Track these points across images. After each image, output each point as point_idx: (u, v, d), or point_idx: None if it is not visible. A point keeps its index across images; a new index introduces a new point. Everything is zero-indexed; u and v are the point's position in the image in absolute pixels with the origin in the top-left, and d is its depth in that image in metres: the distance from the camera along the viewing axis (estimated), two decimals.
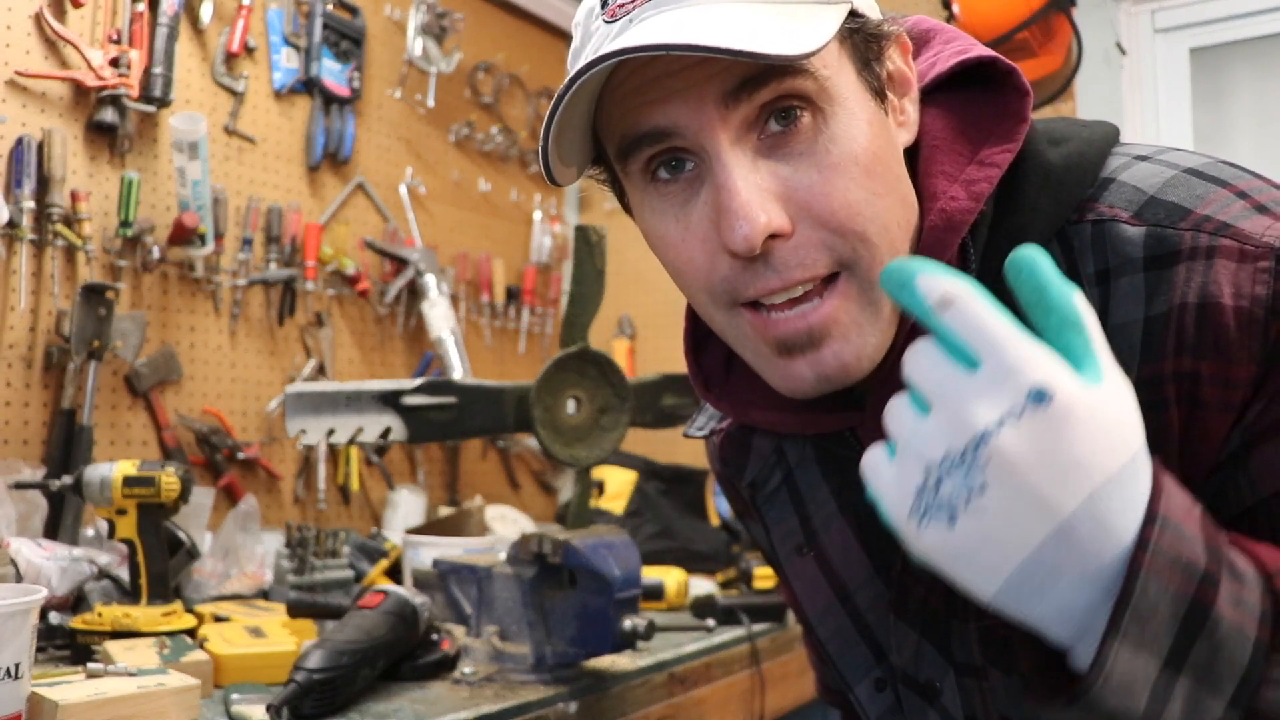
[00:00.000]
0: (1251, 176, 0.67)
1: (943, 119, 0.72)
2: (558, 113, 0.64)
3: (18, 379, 1.71)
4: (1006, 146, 0.69)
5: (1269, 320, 0.60)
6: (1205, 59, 2.29)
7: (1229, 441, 0.62)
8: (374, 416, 1.27)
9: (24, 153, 1.69)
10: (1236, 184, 0.66)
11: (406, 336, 2.44)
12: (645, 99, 0.65)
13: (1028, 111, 0.70)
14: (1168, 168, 0.68)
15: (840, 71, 0.65)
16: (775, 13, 0.62)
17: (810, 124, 0.64)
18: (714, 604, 1.67)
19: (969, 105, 0.72)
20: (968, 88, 0.73)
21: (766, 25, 0.61)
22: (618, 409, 1.35)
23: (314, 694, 1.09)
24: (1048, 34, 2.19)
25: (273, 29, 2.16)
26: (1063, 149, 0.70)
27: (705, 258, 0.67)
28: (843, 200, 0.64)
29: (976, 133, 0.71)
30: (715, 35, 0.59)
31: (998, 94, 0.71)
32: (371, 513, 2.33)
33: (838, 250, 0.65)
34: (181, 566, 1.56)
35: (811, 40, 0.60)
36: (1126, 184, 0.68)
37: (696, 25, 0.60)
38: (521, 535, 1.29)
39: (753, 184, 0.64)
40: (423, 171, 2.52)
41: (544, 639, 1.27)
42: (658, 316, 2.85)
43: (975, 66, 0.72)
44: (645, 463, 2.31)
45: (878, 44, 0.68)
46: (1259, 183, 0.66)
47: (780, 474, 0.86)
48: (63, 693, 1.00)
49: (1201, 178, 0.66)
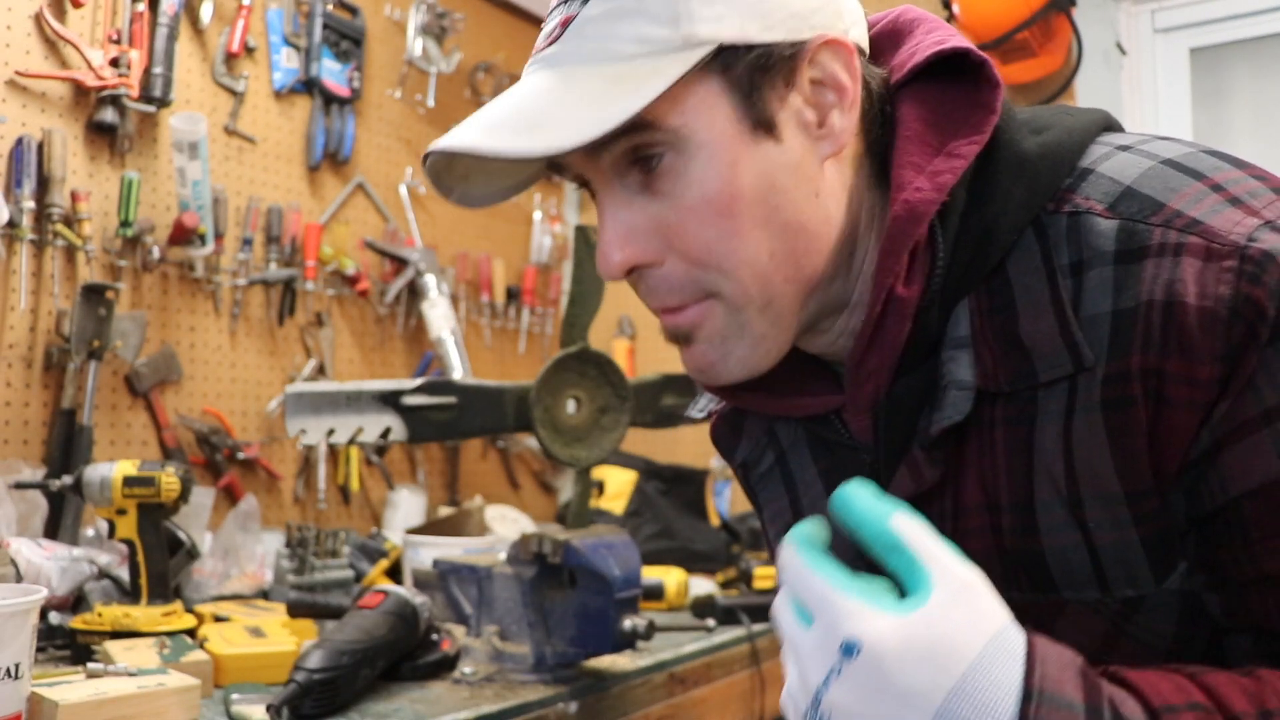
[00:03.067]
0: (1231, 166, 0.67)
1: (916, 110, 0.72)
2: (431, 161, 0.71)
3: (18, 379, 1.71)
4: (974, 139, 0.69)
5: (1231, 320, 0.60)
6: (1205, 59, 2.29)
7: (1199, 440, 0.63)
8: (374, 416, 1.27)
9: (24, 153, 1.69)
10: (1213, 176, 0.66)
11: (406, 336, 2.44)
12: None
13: (998, 104, 0.70)
14: (1147, 158, 0.68)
15: (701, 113, 0.67)
16: (608, 78, 0.65)
17: (671, 166, 0.68)
18: (714, 604, 1.67)
19: (943, 97, 0.72)
20: (944, 79, 0.73)
21: (578, 102, 0.65)
22: (618, 409, 1.35)
23: (314, 694, 1.09)
24: (1048, 34, 2.19)
25: (273, 29, 2.16)
26: (1041, 138, 0.71)
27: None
28: (697, 240, 0.68)
29: (948, 124, 0.71)
30: (510, 128, 0.66)
31: (972, 86, 0.72)
32: (371, 513, 2.33)
33: (701, 282, 0.70)
34: (182, 566, 1.56)
35: (610, 119, 0.63)
36: (1104, 176, 0.68)
37: (509, 112, 0.67)
38: (521, 535, 1.29)
39: (619, 220, 0.69)
40: (422, 171, 2.51)
41: (544, 639, 1.27)
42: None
43: (952, 57, 0.72)
44: (645, 463, 2.31)
45: (765, 74, 0.67)
46: (1236, 173, 0.66)
47: (773, 455, 0.88)
48: (63, 693, 1.00)
49: (1178, 169, 0.66)
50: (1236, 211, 0.63)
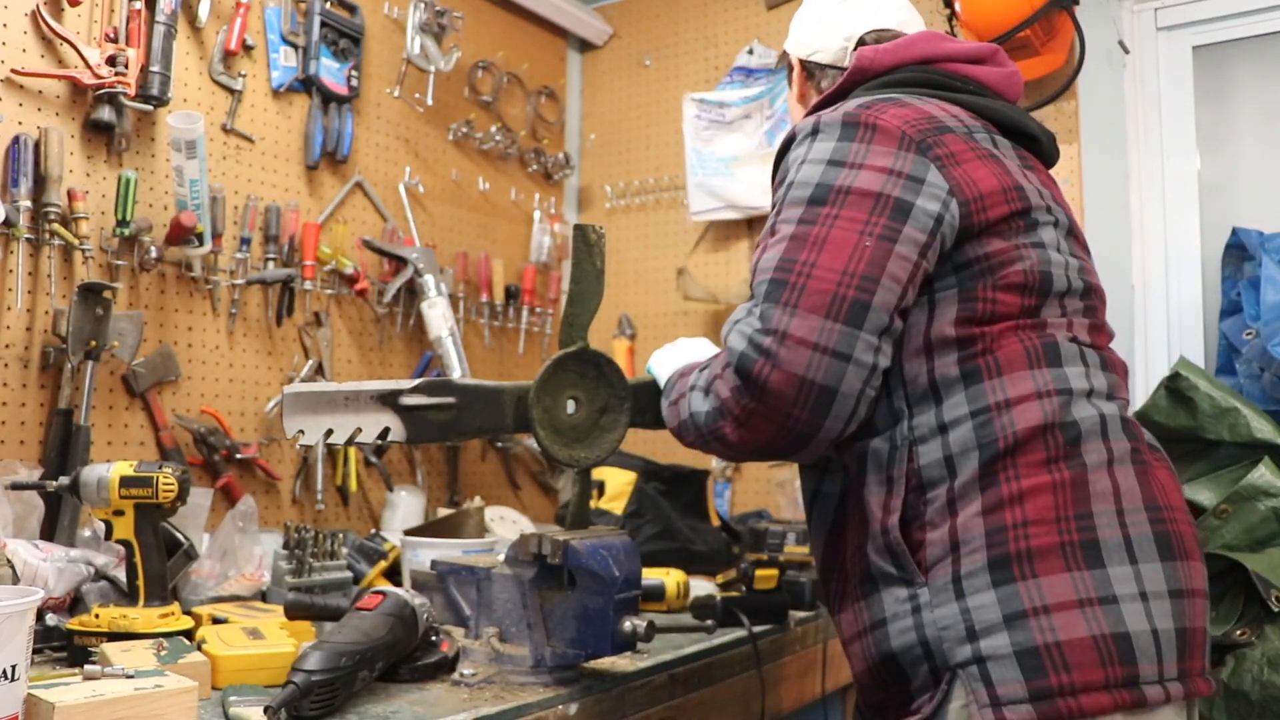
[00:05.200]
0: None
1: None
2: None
3: (14, 379, 1.70)
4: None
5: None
6: (1208, 57, 2.29)
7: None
8: (372, 417, 1.26)
9: (20, 151, 1.68)
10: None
11: (405, 336, 2.43)
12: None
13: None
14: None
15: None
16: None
17: None
18: (714, 605, 1.67)
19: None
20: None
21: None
22: (617, 409, 1.35)
23: (312, 696, 1.08)
24: (1050, 32, 2.18)
25: (271, 27, 2.15)
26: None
27: None
28: None
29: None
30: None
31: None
32: (370, 513, 2.32)
33: None
34: (179, 568, 1.55)
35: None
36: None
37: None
38: (521, 536, 1.28)
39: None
40: (421, 170, 2.52)
41: (543, 640, 1.26)
42: (658, 316, 2.85)
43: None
44: (645, 463, 2.31)
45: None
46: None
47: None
48: (60, 695, 0.99)
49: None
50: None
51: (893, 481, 1.11)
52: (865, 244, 1.06)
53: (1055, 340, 1.13)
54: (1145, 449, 1.14)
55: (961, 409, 1.09)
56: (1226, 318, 2.06)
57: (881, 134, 1.12)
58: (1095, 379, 1.14)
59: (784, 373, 1.03)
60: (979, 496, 1.06)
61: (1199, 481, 1.74)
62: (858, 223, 1.07)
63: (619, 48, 3.04)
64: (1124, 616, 1.02)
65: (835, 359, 1.03)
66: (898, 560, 1.10)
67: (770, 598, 1.72)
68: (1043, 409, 1.08)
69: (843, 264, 1.05)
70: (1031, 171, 1.21)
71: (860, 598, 1.15)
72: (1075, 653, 1.00)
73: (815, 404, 1.04)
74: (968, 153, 1.14)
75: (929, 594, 1.07)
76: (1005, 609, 1.03)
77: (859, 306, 1.04)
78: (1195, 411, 1.76)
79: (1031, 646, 1.01)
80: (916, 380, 1.11)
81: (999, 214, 1.12)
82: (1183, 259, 2.25)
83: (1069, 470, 1.07)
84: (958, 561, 1.06)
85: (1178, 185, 2.26)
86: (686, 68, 2.90)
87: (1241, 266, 2.07)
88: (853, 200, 1.09)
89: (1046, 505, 1.05)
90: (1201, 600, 1.10)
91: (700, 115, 2.68)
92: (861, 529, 1.14)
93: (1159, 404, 1.80)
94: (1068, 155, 2.27)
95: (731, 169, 2.64)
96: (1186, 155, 2.27)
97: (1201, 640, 1.08)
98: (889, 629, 1.10)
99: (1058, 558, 1.03)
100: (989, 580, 1.04)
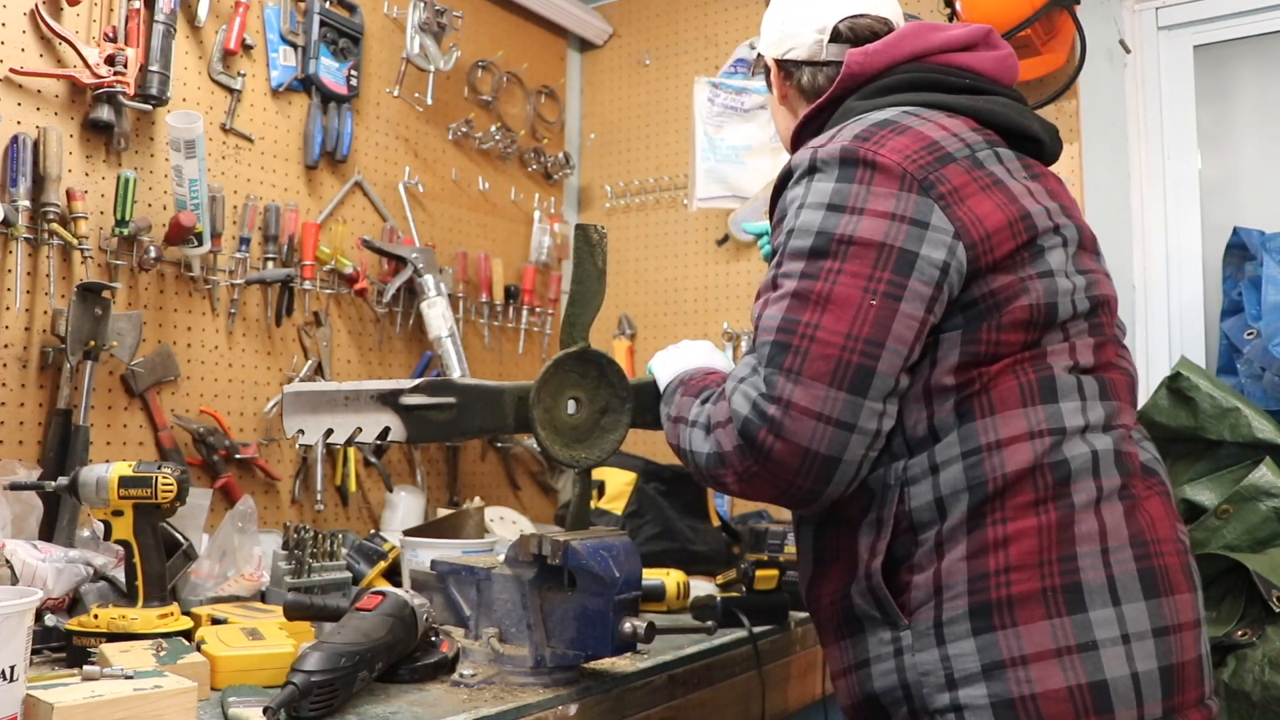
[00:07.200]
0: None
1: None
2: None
3: (13, 379, 1.70)
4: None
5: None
6: (1209, 56, 2.29)
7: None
8: (372, 416, 1.26)
9: (19, 151, 1.68)
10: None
11: (405, 336, 2.43)
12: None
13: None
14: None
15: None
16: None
17: None
18: (714, 606, 1.66)
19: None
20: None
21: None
22: (618, 409, 1.35)
23: (312, 696, 1.08)
24: (1051, 31, 2.18)
25: (270, 27, 2.15)
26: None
27: None
28: None
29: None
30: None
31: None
32: (370, 514, 2.32)
33: None
34: (178, 568, 1.55)
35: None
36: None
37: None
38: (521, 536, 1.28)
39: None
40: (421, 170, 2.51)
41: (543, 641, 1.26)
42: (658, 316, 2.84)
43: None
44: (645, 463, 2.30)
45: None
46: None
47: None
48: (58, 695, 0.99)
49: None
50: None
51: (881, 523, 1.09)
52: (870, 303, 1.03)
53: (1052, 374, 1.09)
54: (1138, 480, 1.11)
55: (954, 449, 1.07)
56: (1228, 317, 2.06)
57: (882, 173, 1.08)
58: (1091, 412, 1.10)
59: (788, 443, 1.02)
60: (965, 540, 1.05)
61: (1200, 481, 1.74)
62: (861, 278, 1.04)
63: (619, 47, 3.04)
64: (1103, 664, 1.01)
65: (839, 429, 1.02)
66: (880, 605, 1.09)
67: (770, 598, 1.71)
68: (1033, 449, 1.06)
69: (846, 326, 1.03)
70: (1037, 181, 1.17)
71: (845, 635, 1.14)
72: (1050, 705, 1.00)
73: (818, 473, 1.03)
74: (971, 185, 1.10)
75: (911, 637, 1.06)
76: (984, 658, 1.02)
77: (864, 373, 1.02)
78: (1196, 411, 1.76)
79: (1008, 699, 1.00)
80: (915, 427, 1.08)
81: (1006, 250, 1.08)
82: (1184, 259, 2.25)
83: (1056, 512, 1.05)
84: (940, 607, 1.05)
85: (1179, 185, 2.26)
86: (687, 67, 2.90)
87: (1243, 266, 2.07)
88: (855, 252, 1.05)
89: (1030, 549, 1.03)
90: (1191, 632, 1.08)
91: (714, 100, 2.61)
92: (848, 570, 1.12)
93: (1160, 404, 1.80)
94: (1069, 155, 2.26)
95: (743, 158, 2.58)
96: (1187, 155, 2.27)
97: (1194, 672, 1.07)
98: (872, 670, 1.10)
99: (1038, 605, 1.02)
100: (969, 628, 1.03)
